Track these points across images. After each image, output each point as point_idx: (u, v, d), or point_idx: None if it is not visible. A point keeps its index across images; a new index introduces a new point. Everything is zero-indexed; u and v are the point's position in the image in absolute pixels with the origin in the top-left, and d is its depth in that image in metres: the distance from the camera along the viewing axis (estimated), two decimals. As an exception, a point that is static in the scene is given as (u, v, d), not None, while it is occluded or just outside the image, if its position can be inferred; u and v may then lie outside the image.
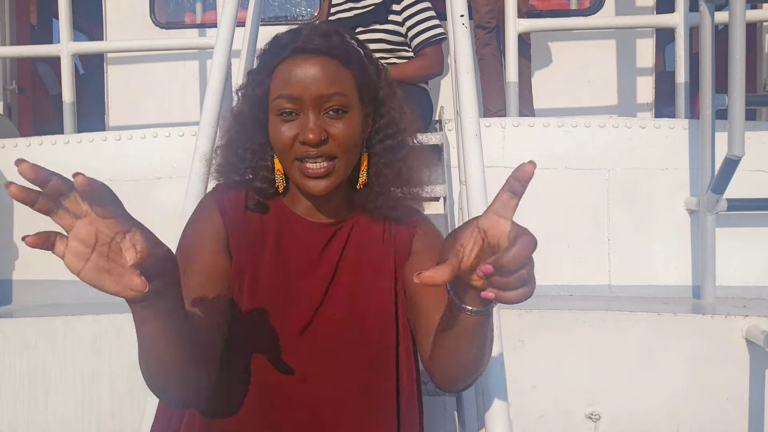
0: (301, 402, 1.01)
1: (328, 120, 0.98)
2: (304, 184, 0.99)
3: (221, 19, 2.09)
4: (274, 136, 1.00)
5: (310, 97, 0.96)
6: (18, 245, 2.73)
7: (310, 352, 1.00)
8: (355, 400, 1.02)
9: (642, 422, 2.09)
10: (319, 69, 0.97)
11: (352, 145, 1.00)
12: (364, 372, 1.03)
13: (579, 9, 3.74)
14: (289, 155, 0.99)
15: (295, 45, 0.98)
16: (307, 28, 1.01)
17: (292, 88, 0.97)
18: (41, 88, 4.67)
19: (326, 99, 0.97)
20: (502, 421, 1.23)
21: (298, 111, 0.97)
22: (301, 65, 0.97)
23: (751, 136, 2.35)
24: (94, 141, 2.74)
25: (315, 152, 0.97)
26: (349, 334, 1.02)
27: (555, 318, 2.13)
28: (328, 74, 0.97)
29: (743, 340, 2.05)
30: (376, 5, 2.49)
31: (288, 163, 1.00)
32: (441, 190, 2.20)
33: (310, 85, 0.96)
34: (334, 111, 0.97)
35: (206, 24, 3.78)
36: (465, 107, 1.71)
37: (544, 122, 2.54)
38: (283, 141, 0.98)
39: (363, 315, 1.03)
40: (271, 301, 1.01)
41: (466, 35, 1.88)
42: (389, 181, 1.05)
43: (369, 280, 1.05)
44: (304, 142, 0.96)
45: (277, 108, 0.98)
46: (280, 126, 0.98)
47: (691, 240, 2.48)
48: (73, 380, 2.20)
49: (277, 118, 0.99)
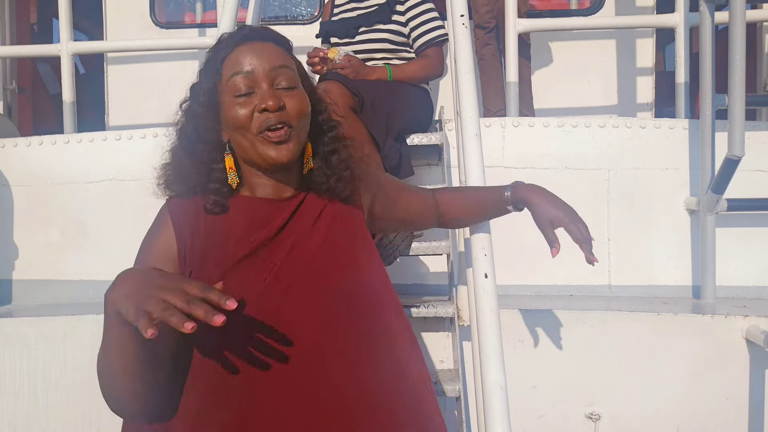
0: (296, 357, 1.02)
1: (281, 92, 1.08)
2: (267, 154, 1.07)
3: (221, 19, 2.10)
4: (232, 115, 1.07)
5: (263, 71, 1.07)
6: (18, 245, 2.74)
7: (296, 311, 1.04)
8: (351, 345, 1.04)
9: (642, 422, 2.09)
10: (267, 49, 1.09)
11: (304, 117, 1.10)
12: (353, 319, 1.07)
13: (579, 9, 3.74)
14: (250, 130, 1.06)
15: (242, 34, 1.11)
16: (250, 25, 1.14)
17: (246, 65, 1.07)
18: (41, 88, 4.67)
19: (277, 71, 1.08)
20: (502, 421, 1.23)
21: (252, 87, 1.07)
22: (251, 47, 1.09)
23: (751, 136, 2.35)
24: (94, 141, 2.74)
25: (275, 117, 1.05)
26: (331, 284, 1.08)
27: (555, 318, 2.13)
28: (275, 53, 1.10)
29: (743, 340, 2.05)
30: (380, 5, 2.49)
31: (250, 138, 1.07)
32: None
33: (261, 61, 1.07)
34: (286, 85, 1.08)
35: (206, 24, 3.79)
36: (465, 107, 1.71)
37: (544, 122, 2.54)
38: (243, 117, 1.06)
39: (343, 267, 1.10)
40: (253, 283, 1.04)
41: (466, 35, 1.88)
42: (339, 164, 1.18)
43: (342, 233, 1.14)
44: (265, 109, 1.05)
45: (233, 88, 1.07)
46: (237, 106, 1.07)
47: (691, 240, 2.48)
48: (73, 380, 2.20)
49: (233, 99, 1.07)
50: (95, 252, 2.68)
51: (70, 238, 2.70)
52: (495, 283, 1.44)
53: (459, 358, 2.06)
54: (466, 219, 1.48)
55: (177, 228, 1.08)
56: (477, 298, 1.45)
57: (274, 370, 1.00)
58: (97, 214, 2.70)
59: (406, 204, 1.35)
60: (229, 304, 0.80)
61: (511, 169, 2.51)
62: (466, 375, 2.05)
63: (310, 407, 0.99)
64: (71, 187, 2.72)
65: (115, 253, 2.58)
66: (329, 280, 1.08)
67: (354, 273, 1.11)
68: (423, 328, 2.13)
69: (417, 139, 2.38)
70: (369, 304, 1.10)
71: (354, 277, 1.11)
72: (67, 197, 2.72)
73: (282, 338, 1.01)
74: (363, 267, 1.13)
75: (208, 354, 1.01)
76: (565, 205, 1.39)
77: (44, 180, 2.74)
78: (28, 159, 2.76)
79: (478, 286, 1.44)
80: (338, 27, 2.55)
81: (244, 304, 1.01)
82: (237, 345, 1.00)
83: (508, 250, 2.30)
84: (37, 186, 2.74)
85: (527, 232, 2.30)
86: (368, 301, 1.11)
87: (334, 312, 1.06)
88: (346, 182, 1.18)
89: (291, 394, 0.99)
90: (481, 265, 1.45)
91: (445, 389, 1.92)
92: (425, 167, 2.56)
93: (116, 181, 2.69)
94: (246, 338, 1.01)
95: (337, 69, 2.30)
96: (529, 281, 2.49)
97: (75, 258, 2.69)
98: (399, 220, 1.36)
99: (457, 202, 1.43)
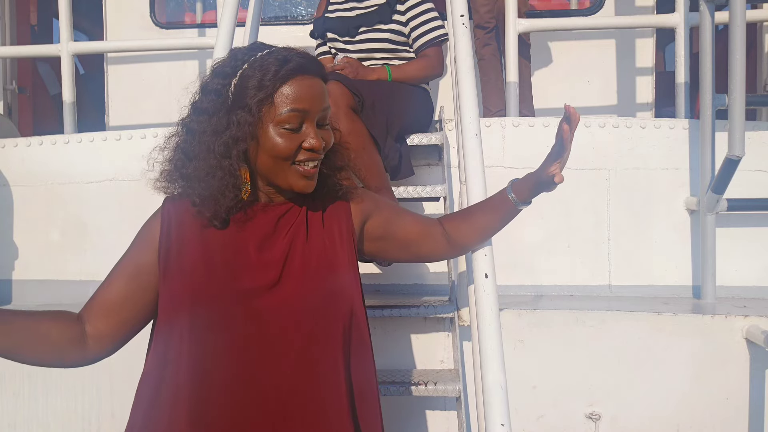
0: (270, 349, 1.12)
1: (320, 130, 1.15)
2: (298, 184, 1.15)
3: (221, 19, 2.10)
4: (275, 144, 1.12)
5: (315, 112, 1.14)
6: (18, 245, 2.74)
7: (276, 308, 1.13)
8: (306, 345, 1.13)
9: (642, 422, 2.09)
10: (319, 87, 1.15)
11: None
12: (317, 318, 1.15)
13: (579, 9, 3.75)
14: (288, 160, 1.13)
15: (299, 63, 1.13)
16: (294, 51, 1.16)
17: (304, 104, 1.12)
18: (41, 88, 4.67)
19: (324, 113, 1.16)
20: (502, 421, 1.23)
21: (302, 125, 1.13)
22: (309, 84, 1.13)
23: (751, 136, 2.35)
24: (94, 141, 2.74)
25: (318, 157, 1.15)
26: (309, 287, 1.16)
27: (555, 318, 2.13)
28: (323, 90, 1.16)
29: (743, 340, 2.05)
30: (381, 5, 2.48)
31: (284, 167, 1.14)
32: (441, 190, 2.20)
33: (315, 102, 1.13)
34: (325, 123, 1.17)
35: (206, 24, 3.78)
36: (465, 107, 1.71)
37: (544, 122, 2.54)
38: (287, 149, 1.12)
39: (319, 272, 1.17)
40: (228, 279, 1.13)
41: (466, 35, 1.88)
42: (333, 163, 1.24)
43: (326, 243, 1.20)
44: (312, 149, 1.13)
45: (284, 120, 1.11)
46: (284, 138, 1.12)
47: (691, 240, 2.48)
48: (73, 380, 2.20)
49: (280, 130, 1.12)
50: (95, 252, 2.68)
51: (70, 238, 2.70)
52: (495, 283, 1.44)
53: (459, 358, 2.06)
54: (479, 234, 1.39)
55: (165, 221, 1.18)
56: (477, 298, 1.45)
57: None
58: (97, 214, 2.70)
59: (405, 226, 1.32)
60: None
61: (511, 169, 2.51)
62: (466, 375, 2.05)
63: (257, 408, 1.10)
64: (71, 187, 2.72)
65: (115, 253, 2.55)
66: (309, 285, 1.15)
67: (327, 282, 1.17)
68: (423, 329, 2.13)
69: (417, 139, 2.38)
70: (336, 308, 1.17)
71: (329, 282, 1.17)
72: (67, 197, 2.72)
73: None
74: (339, 275, 1.19)
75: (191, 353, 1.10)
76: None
77: (44, 180, 2.74)
78: (28, 159, 2.76)
79: (478, 286, 1.44)
80: (337, 25, 2.54)
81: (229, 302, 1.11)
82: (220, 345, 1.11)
83: (508, 250, 2.30)
84: (37, 186, 2.74)
85: (527, 232, 2.31)
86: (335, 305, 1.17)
87: (317, 315, 1.14)
88: (336, 194, 1.24)
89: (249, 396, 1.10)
90: (481, 265, 1.45)
91: (445, 389, 1.93)
92: (425, 167, 2.56)
93: (116, 181, 2.69)
94: (228, 345, 1.11)
95: (337, 70, 2.30)
96: (529, 281, 2.49)
97: (75, 258, 2.69)
98: (400, 242, 1.32)
99: (465, 221, 1.38)
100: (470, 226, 1.37)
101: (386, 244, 1.31)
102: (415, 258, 1.44)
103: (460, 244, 1.38)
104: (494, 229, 1.39)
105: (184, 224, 1.17)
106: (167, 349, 1.11)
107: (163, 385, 1.10)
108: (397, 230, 1.31)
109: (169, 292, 1.13)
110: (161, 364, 1.11)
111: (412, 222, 1.33)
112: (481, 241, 1.44)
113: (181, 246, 1.15)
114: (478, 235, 1.39)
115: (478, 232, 1.38)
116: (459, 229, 1.36)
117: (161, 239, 1.16)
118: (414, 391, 1.92)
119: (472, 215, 1.38)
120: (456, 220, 1.38)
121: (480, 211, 1.39)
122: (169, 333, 1.11)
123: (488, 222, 1.37)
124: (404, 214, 1.34)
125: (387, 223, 1.30)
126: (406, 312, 2.06)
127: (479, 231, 1.38)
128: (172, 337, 1.11)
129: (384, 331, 2.12)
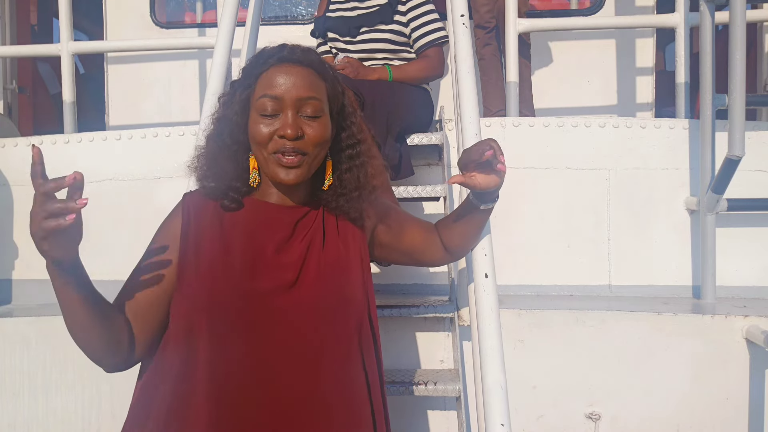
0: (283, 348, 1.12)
1: (305, 120, 1.14)
2: (277, 173, 1.14)
3: (221, 19, 2.10)
4: (254, 130, 1.15)
5: (290, 99, 1.13)
6: (18, 245, 2.73)
7: (293, 309, 1.14)
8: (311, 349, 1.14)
9: (642, 422, 2.09)
10: (299, 76, 1.15)
11: (320, 145, 1.17)
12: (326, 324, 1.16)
13: (579, 9, 3.74)
14: (266, 148, 1.14)
15: (280, 55, 1.16)
16: (290, 45, 1.19)
17: (276, 90, 1.13)
18: (41, 88, 4.67)
19: (304, 102, 1.14)
20: (502, 421, 1.23)
21: (278, 111, 1.13)
22: (284, 71, 1.15)
23: (751, 136, 2.34)
24: (94, 141, 2.74)
25: (291, 146, 1.13)
26: (324, 290, 1.17)
27: (555, 318, 2.13)
28: (306, 81, 1.15)
29: (743, 340, 2.05)
30: (382, 5, 2.48)
31: (265, 155, 1.15)
32: (441, 190, 2.20)
33: (291, 88, 1.13)
34: (310, 114, 1.14)
35: (206, 24, 3.78)
36: (465, 107, 1.71)
37: (544, 122, 2.54)
38: (262, 136, 1.13)
39: (334, 277, 1.19)
40: (246, 279, 1.13)
41: (467, 35, 1.88)
42: (350, 184, 1.23)
43: (340, 249, 1.22)
44: (282, 136, 1.12)
45: (260, 107, 1.14)
46: (261, 123, 1.14)
47: (691, 240, 2.48)
48: (73, 380, 2.20)
49: (259, 117, 1.14)
50: (95, 252, 2.67)
51: (70, 238, 2.70)
52: (495, 283, 1.44)
53: (459, 358, 2.06)
54: (463, 239, 1.37)
55: (185, 216, 1.19)
56: (477, 298, 1.45)
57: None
58: (97, 214, 2.69)
59: (412, 236, 1.34)
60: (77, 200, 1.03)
61: (511, 169, 2.49)
62: (466, 375, 2.05)
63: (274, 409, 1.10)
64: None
65: (115, 253, 2.56)
66: (324, 288, 1.17)
67: (341, 286, 1.19)
68: (423, 328, 2.13)
69: (417, 139, 2.38)
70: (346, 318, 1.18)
71: (343, 287, 1.19)
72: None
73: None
74: (351, 281, 1.20)
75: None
76: None
77: (44, 180, 2.73)
78: (28, 159, 2.75)
79: (478, 286, 1.44)
80: (338, 25, 2.54)
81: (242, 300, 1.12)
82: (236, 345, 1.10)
83: (508, 250, 2.31)
84: (37, 186, 2.73)
85: (527, 231, 2.30)
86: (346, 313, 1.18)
87: (331, 318, 1.16)
88: (354, 203, 1.23)
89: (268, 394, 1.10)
90: (481, 265, 1.45)
91: (445, 389, 1.93)
92: (425, 167, 2.56)
93: (116, 181, 2.68)
94: (244, 341, 1.10)
95: (337, 70, 2.30)
96: (529, 281, 2.49)
97: (75, 258, 2.68)
98: (404, 250, 1.35)
99: (448, 228, 1.36)
100: (452, 231, 1.35)
101: (391, 250, 1.34)
102: (416, 264, 1.45)
103: (452, 250, 1.38)
104: (472, 234, 1.37)
105: (203, 222, 1.18)
106: (187, 348, 1.10)
107: (184, 385, 1.09)
108: (404, 239, 1.33)
109: (185, 291, 1.13)
110: (183, 360, 1.10)
111: (417, 231, 1.34)
112: (469, 245, 1.43)
113: (199, 244, 1.16)
114: (462, 239, 1.37)
115: (462, 237, 1.36)
116: (447, 236, 1.35)
117: (182, 238, 1.17)
118: (414, 391, 1.92)
119: (454, 222, 1.36)
120: (445, 227, 1.36)
121: (455, 216, 1.36)
122: (188, 332, 1.10)
123: (466, 228, 1.35)
124: (410, 223, 1.35)
125: (394, 232, 1.32)
126: (406, 312, 2.06)
127: (462, 236, 1.36)
128: (191, 335, 1.10)
129: (384, 331, 2.11)
